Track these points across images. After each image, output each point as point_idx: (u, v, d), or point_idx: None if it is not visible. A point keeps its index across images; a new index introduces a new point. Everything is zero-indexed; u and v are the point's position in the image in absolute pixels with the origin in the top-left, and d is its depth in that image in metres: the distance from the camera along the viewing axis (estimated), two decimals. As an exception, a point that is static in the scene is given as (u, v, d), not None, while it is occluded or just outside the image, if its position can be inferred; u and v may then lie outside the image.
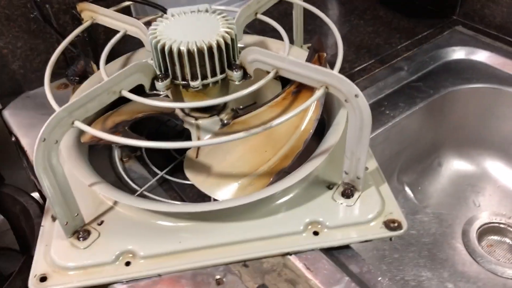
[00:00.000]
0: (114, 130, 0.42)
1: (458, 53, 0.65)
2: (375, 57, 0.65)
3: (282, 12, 0.52)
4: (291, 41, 0.59)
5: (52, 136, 0.36)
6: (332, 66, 0.49)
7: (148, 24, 0.53)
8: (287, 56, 0.40)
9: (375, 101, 0.59)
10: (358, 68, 0.63)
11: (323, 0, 0.79)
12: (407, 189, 0.65)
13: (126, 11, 0.55)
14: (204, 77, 0.41)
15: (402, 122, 0.57)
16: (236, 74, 0.42)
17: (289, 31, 0.57)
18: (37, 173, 0.36)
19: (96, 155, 0.49)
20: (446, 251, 0.60)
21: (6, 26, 0.58)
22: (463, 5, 0.70)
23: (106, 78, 0.39)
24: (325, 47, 0.49)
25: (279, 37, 0.50)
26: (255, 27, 0.48)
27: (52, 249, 0.41)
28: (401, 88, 0.60)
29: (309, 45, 0.64)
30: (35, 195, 0.67)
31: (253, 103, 0.52)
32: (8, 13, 0.57)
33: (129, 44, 0.53)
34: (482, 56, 0.64)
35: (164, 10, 0.53)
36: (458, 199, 0.65)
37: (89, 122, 0.46)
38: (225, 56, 0.41)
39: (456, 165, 0.68)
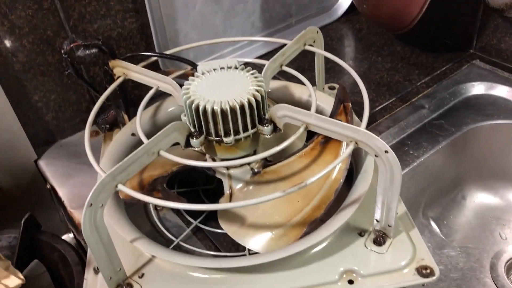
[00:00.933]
0: (152, 188, 0.44)
1: (478, 88, 0.66)
2: (395, 94, 0.66)
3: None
4: (313, 83, 0.61)
5: (98, 200, 0.37)
6: (355, 106, 0.51)
7: (178, 77, 0.55)
8: (313, 113, 0.42)
9: (399, 141, 0.60)
10: (380, 107, 0.65)
11: (340, 37, 0.81)
12: (432, 223, 0.66)
13: (154, 62, 0.58)
14: (236, 132, 0.43)
15: (426, 161, 0.58)
16: (266, 129, 0.44)
17: (311, 69, 0.59)
18: (84, 235, 0.38)
19: (132, 204, 0.51)
20: (475, 287, 0.60)
21: (41, 81, 0.61)
22: (479, 39, 0.71)
23: (146, 141, 0.41)
24: (348, 93, 0.50)
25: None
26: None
27: (97, 303, 0.43)
28: (423, 126, 0.61)
29: (330, 85, 0.66)
30: (67, 236, 0.70)
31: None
32: (43, 69, 0.60)
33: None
34: (501, 91, 0.65)
35: (191, 63, 0.55)
36: (484, 232, 0.65)
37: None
38: (256, 112, 0.43)
39: (480, 198, 0.68)
